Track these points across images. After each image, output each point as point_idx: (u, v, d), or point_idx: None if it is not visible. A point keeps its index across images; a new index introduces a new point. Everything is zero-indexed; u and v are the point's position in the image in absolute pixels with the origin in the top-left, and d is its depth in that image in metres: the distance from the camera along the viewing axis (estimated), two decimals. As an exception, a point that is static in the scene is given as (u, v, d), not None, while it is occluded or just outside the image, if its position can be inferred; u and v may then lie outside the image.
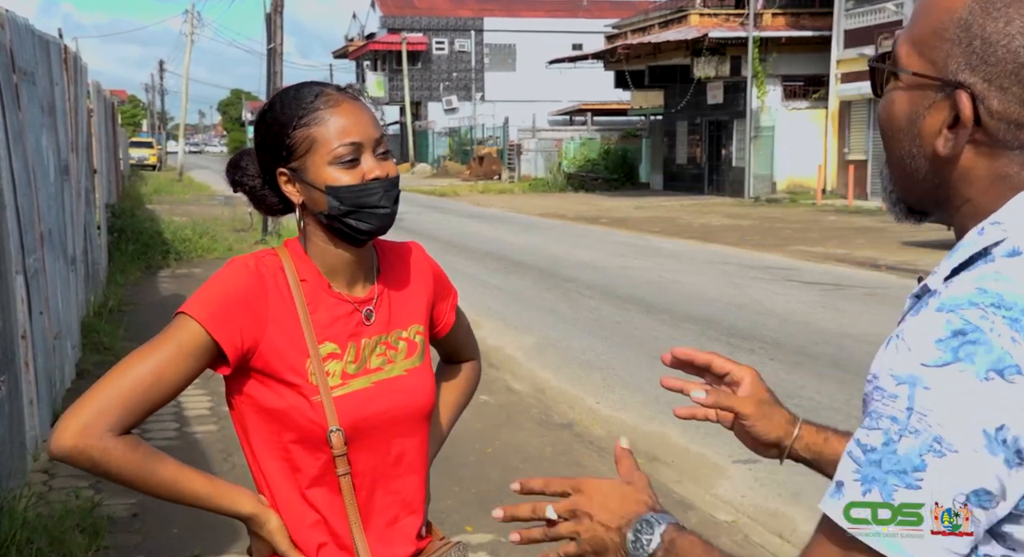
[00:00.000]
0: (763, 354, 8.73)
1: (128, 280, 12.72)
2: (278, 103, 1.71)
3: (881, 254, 16.02)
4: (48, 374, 6.27)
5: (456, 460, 5.68)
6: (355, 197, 1.66)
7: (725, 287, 12.89)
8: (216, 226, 19.11)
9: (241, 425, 1.71)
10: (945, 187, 1.16)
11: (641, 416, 7.05)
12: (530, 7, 60.78)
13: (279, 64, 18.81)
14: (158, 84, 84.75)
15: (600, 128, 47.20)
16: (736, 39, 31.90)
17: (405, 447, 1.76)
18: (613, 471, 5.43)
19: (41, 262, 6.27)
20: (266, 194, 1.78)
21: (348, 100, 1.70)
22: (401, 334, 1.77)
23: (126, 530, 4.67)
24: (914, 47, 1.16)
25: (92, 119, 11.75)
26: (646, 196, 35.10)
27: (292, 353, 1.65)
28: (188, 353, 1.60)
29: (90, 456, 1.55)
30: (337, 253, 1.72)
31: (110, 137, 18.06)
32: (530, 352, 9.21)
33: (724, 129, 34.40)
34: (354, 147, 1.66)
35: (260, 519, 1.67)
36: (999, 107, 1.10)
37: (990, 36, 1.09)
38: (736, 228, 21.62)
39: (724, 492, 5.55)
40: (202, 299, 1.63)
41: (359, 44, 63.35)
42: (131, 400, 1.57)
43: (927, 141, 1.15)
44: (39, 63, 6.68)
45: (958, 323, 1.01)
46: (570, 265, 15.37)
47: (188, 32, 52.08)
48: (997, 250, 1.08)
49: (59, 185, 7.62)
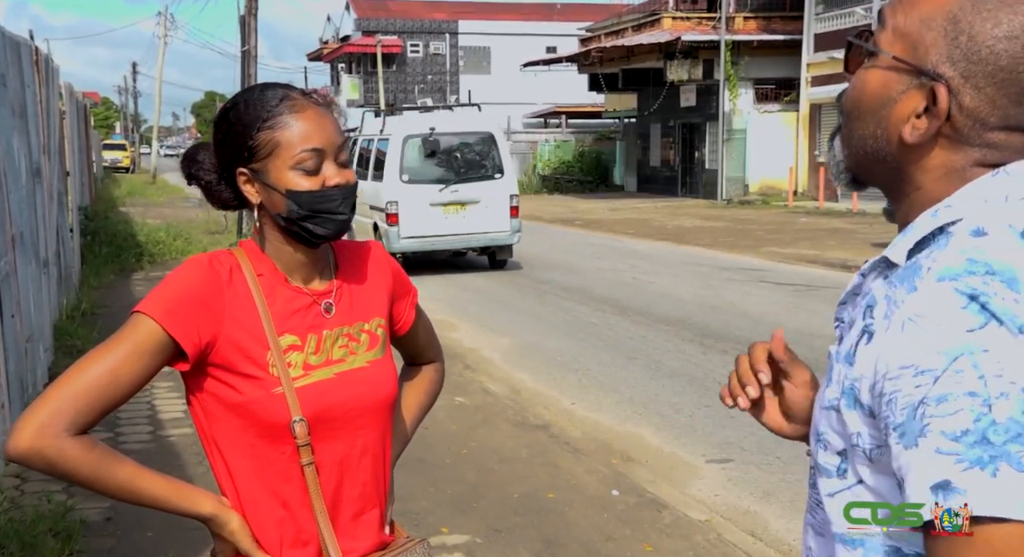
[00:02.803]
0: (736, 354, 8.76)
1: (101, 283, 12.63)
2: (242, 103, 1.70)
3: (852, 255, 16.12)
4: (20, 378, 6.21)
5: (431, 461, 5.67)
6: (314, 203, 1.66)
7: (698, 288, 12.94)
8: (190, 228, 19.02)
9: (202, 424, 1.71)
10: (901, 172, 1.19)
11: (616, 417, 7.07)
12: (504, 11, 60.83)
13: (253, 66, 18.73)
14: (131, 86, 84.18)
15: (574, 130, 47.26)
16: (708, 42, 32.05)
17: (369, 438, 1.76)
18: (589, 472, 5.46)
19: (12, 265, 6.21)
20: (221, 189, 1.77)
21: (312, 105, 1.70)
22: (363, 326, 1.78)
23: (100, 534, 4.64)
24: (897, 31, 1.17)
25: (64, 121, 11.67)
26: (620, 198, 35.20)
27: (252, 346, 1.65)
28: (144, 351, 1.59)
29: (45, 457, 1.53)
30: (292, 252, 1.73)
31: (83, 139, 17.94)
32: (506, 354, 9.22)
33: (697, 131, 34.55)
34: (316, 153, 1.67)
35: (220, 520, 1.66)
36: (970, 104, 1.12)
37: (977, 34, 1.10)
38: (709, 230, 21.70)
39: (697, 491, 5.57)
40: (158, 297, 1.63)
41: (333, 46, 63.18)
42: (87, 400, 1.56)
43: (894, 126, 1.17)
44: (9, 65, 6.62)
45: (967, 289, 1.03)
46: (545, 266, 15.40)
47: (161, 34, 51.82)
48: (955, 228, 1.11)
49: (31, 188, 7.56)
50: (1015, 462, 0.97)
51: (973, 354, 1.00)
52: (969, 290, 1.03)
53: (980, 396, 0.99)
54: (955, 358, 1.00)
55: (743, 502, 5.41)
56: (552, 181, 40.30)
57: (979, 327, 1.01)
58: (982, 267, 1.04)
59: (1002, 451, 0.97)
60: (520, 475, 5.58)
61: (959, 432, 0.99)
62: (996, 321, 1.01)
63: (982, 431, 0.98)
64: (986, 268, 1.04)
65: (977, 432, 0.98)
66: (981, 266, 1.05)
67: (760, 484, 5.65)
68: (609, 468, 5.74)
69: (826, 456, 1.19)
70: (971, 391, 0.99)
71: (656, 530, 4.79)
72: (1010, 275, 1.03)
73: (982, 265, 1.05)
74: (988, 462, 0.98)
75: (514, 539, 4.67)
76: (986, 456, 0.98)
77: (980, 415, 0.98)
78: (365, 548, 1.74)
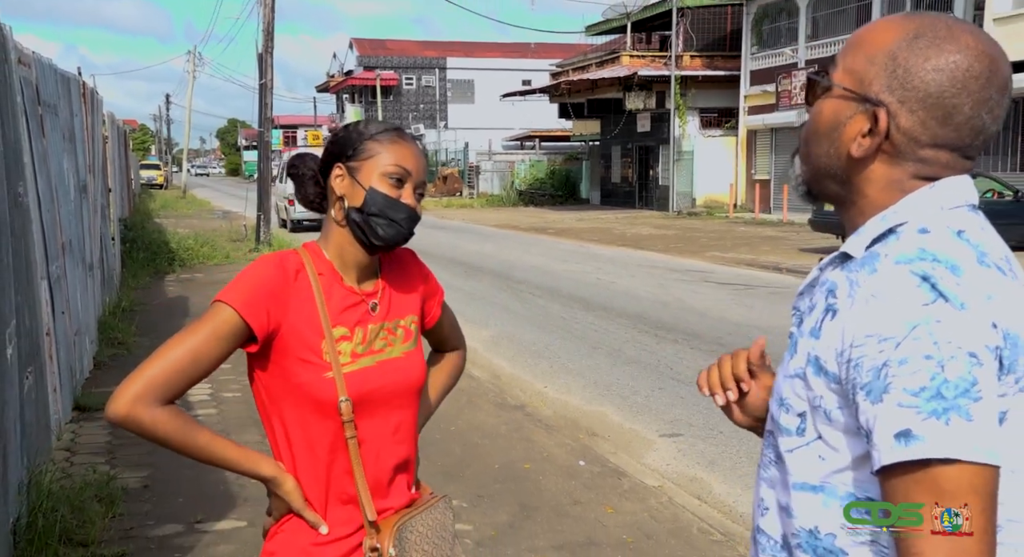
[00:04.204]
0: (685, 344, 8.79)
1: (139, 284, 12.54)
2: (367, 121, 1.80)
3: (782, 259, 16.19)
4: (69, 366, 6.17)
5: (424, 437, 5.64)
6: (387, 206, 1.71)
7: (653, 287, 12.97)
8: (215, 237, 18.90)
9: (263, 400, 1.73)
10: (850, 184, 1.23)
11: (583, 398, 7.08)
12: (487, 49, 60.76)
13: (269, 97, 18.63)
14: (164, 114, 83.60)
15: (547, 152, 47.27)
16: (661, 77, 32.14)
17: (402, 418, 1.79)
18: (559, 445, 5.45)
19: (63, 269, 6.17)
20: (310, 188, 1.83)
21: (417, 147, 1.79)
22: (400, 323, 1.81)
23: (138, 499, 4.61)
24: (847, 69, 1.22)
25: (107, 145, 11.57)
26: (586, 210, 35.21)
27: (310, 335, 1.68)
28: (222, 335, 1.62)
29: (139, 422, 1.57)
30: (352, 252, 1.76)
31: (123, 160, 17.79)
32: (488, 344, 9.21)
33: (651, 153, 34.61)
34: (404, 172, 1.73)
35: (278, 480, 1.69)
36: (906, 125, 1.17)
37: (911, 68, 1.16)
38: (662, 237, 21.75)
39: (652, 461, 5.58)
40: (235, 288, 1.65)
41: (339, 80, 62.97)
42: (174, 375, 1.60)
43: (844, 145, 1.21)
44: (61, 97, 6.58)
45: (920, 271, 1.07)
46: (522, 269, 15.39)
47: (190, 70, 51.45)
48: (902, 228, 1.15)
49: (78, 202, 7.51)
50: (963, 413, 1.01)
51: (928, 324, 1.04)
52: (921, 272, 1.07)
53: (935, 358, 1.03)
54: (914, 326, 1.04)
55: (691, 470, 5.43)
56: (527, 195, 40.26)
57: (931, 302, 1.05)
58: (930, 255, 1.09)
59: (953, 404, 1.02)
60: (500, 448, 5.58)
61: (918, 388, 1.03)
62: (943, 298, 1.05)
63: (937, 387, 1.02)
64: (933, 256, 1.09)
65: (933, 388, 1.02)
66: (929, 254, 1.09)
67: (706, 455, 5.68)
68: (576, 442, 5.75)
69: (787, 418, 1.21)
70: (927, 354, 1.03)
71: (617, 494, 4.80)
72: (952, 263, 1.08)
73: (930, 254, 1.09)
74: (942, 413, 1.02)
75: (495, 503, 4.67)
76: (940, 408, 1.02)
77: (935, 374, 1.02)
78: (397, 506, 1.78)
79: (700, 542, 4.20)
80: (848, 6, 26.92)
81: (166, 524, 4.32)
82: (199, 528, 4.28)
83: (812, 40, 28.00)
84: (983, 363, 1.04)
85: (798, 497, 1.19)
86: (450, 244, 20.21)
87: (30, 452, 4.35)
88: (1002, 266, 1.12)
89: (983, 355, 1.04)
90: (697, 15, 33.54)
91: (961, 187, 1.19)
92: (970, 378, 1.02)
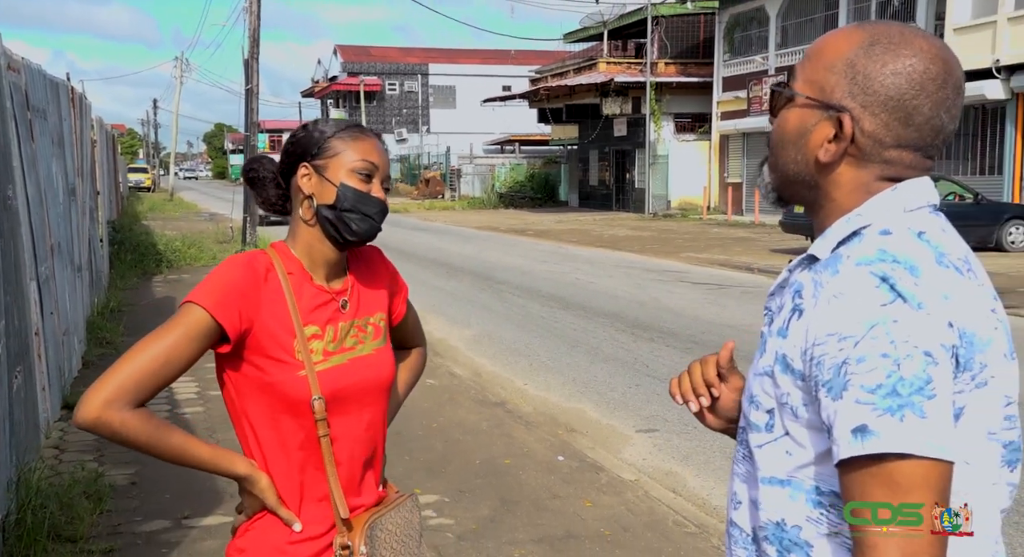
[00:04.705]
0: (661, 342, 8.82)
1: (126, 285, 12.43)
2: (325, 120, 1.77)
3: (754, 259, 16.27)
4: (58, 365, 6.11)
5: (407, 434, 5.66)
6: (359, 201, 1.69)
7: (630, 287, 13.00)
8: (202, 239, 18.76)
9: (233, 400, 1.69)
10: (818, 189, 1.24)
11: (562, 395, 7.08)
12: (468, 56, 60.70)
13: (255, 102, 18.53)
14: (152, 119, 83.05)
15: (526, 155, 47.32)
16: (636, 83, 32.23)
17: (372, 415, 1.76)
18: (539, 441, 5.45)
19: (51, 270, 6.12)
20: (270, 187, 1.80)
21: (378, 141, 1.77)
22: (369, 320, 1.78)
23: (126, 496, 4.57)
24: (808, 78, 1.23)
25: (95, 149, 11.47)
26: (565, 212, 35.24)
27: (282, 334, 1.65)
28: (195, 336, 1.58)
29: (110, 426, 1.52)
30: (321, 250, 1.73)
31: (111, 164, 17.66)
32: (469, 342, 9.19)
33: (628, 157, 34.69)
34: (372, 166, 1.72)
35: (253, 478, 1.65)
36: (869, 128, 1.18)
37: (870, 73, 1.17)
38: (638, 238, 21.81)
39: (629, 456, 5.59)
40: (205, 289, 1.61)
41: (323, 85, 62.73)
42: (146, 378, 1.55)
43: (811, 151, 1.22)
44: (50, 102, 6.52)
45: (879, 272, 1.08)
46: (502, 270, 15.38)
47: (177, 75, 51.10)
48: (866, 231, 1.16)
49: (67, 204, 7.44)
50: (917, 410, 1.02)
51: (886, 323, 1.04)
52: (881, 273, 1.08)
53: (891, 357, 1.03)
54: (872, 326, 1.05)
55: (666, 464, 5.45)
56: (508, 198, 40.27)
57: (889, 302, 1.05)
58: (890, 257, 1.09)
59: (908, 401, 1.02)
60: (481, 444, 5.58)
61: (875, 386, 1.03)
62: (901, 299, 1.05)
63: (893, 385, 1.03)
64: (893, 258, 1.09)
65: (889, 386, 1.03)
66: (889, 256, 1.10)
67: (680, 450, 5.69)
68: (555, 438, 5.75)
69: (757, 414, 1.21)
70: (884, 353, 1.03)
71: (595, 489, 4.81)
72: (911, 264, 1.08)
73: (890, 255, 1.10)
74: (897, 410, 1.02)
75: (476, 498, 4.67)
76: (895, 405, 1.02)
77: (891, 372, 1.03)
78: (368, 503, 1.76)
79: (675, 534, 4.20)
80: (816, 15, 27.12)
81: (153, 520, 4.29)
82: (186, 524, 4.25)
83: (782, 48, 28.17)
84: (938, 362, 1.04)
85: (766, 491, 1.20)
86: (432, 245, 20.18)
87: (19, 450, 4.30)
88: (960, 266, 1.13)
89: (938, 354, 1.04)
90: (671, 23, 33.67)
91: (922, 189, 1.20)
92: (925, 376, 1.03)
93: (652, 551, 4.03)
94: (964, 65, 9.17)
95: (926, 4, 22.67)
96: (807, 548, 1.15)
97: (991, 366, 1.11)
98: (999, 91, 19.73)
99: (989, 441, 1.13)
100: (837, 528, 1.13)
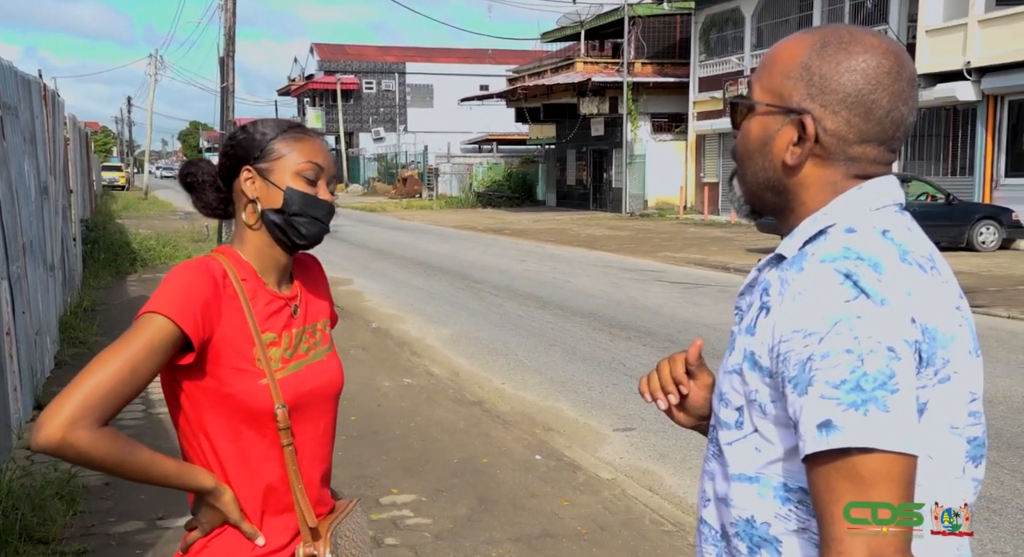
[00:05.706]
0: (638, 341, 8.84)
1: (100, 284, 12.31)
2: (264, 121, 1.72)
3: (730, 258, 16.37)
4: (30, 365, 6.04)
5: (384, 433, 5.64)
6: (307, 204, 1.66)
7: (607, 286, 13.03)
8: (177, 238, 18.63)
9: (186, 412, 1.62)
10: (787, 193, 1.24)
11: (539, 394, 7.08)
12: (445, 55, 60.65)
13: (231, 100, 18.42)
14: (126, 117, 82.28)
15: (504, 155, 47.30)
16: (614, 83, 32.32)
17: (326, 422, 1.75)
18: (516, 440, 5.44)
19: (23, 269, 6.04)
20: (209, 192, 1.74)
21: (322, 141, 1.74)
22: (317, 326, 1.76)
23: (99, 497, 4.53)
24: (765, 87, 1.25)
25: (68, 147, 11.35)
26: (542, 211, 35.28)
27: (241, 342, 1.61)
28: (158, 347, 1.51)
29: (77, 448, 1.42)
30: (271, 255, 1.69)
31: (84, 162, 17.48)
32: (447, 342, 9.18)
33: (605, 156, 34.78)
34: (318, 168, 1.68)
35: (218, 492, 1.59)
36: (832, 127, 1.19)
37: (825, 73, 1.19)
38: (615, 238, 21.86)
39: (606, 455, 5.60)
40: (165, 297, 1.55)
41: (300, 84, 62.45)
42: (110, 394, 1.46)
43: (777, 156, 1.23)
44: (21, 99, 6.44)
45: (843, 269, 1.09)
46: (480, 269, 15.36)
47: (152, 73, 50.64)
48: (832, 229, 1.18)
49: (39, 203, 7.35)
50: (880, 405, 1.03)
51: (849, 319, 1.05)
52: (844, 270, 1.09)
53: (855, 352, 1.04)
54: (836, 322, 1.06)
55: (643, 463, 5.46)
56: (485, 197, 40.24)
57: (853, 298, 1.06)
58: (854, 254, 1.10)
59: (871, 396, 1.03)
60: (459, 443, 5.57)
61: (839, 381, 1.04)
62: (864, 295, 1.06)
63: (856, 380, 1.03)
64: (857, 255, 1.10)
65: (852, 381, 1.03)
66: (853, 253, 1.10)
67: (657, 448, 5.71)
68: (533, 437, 5.75)
69: (727, 412, 1.22)
70: (848, 348, 1.04)
71: (572, 488, 4.81)
72: (875, 261, 1.09)
73: (854, 252, 1.11)
74: (860, 404, 1.03)
75: (454, 497, 4.66)
76: (859, 400, 1.03)
77: (855, 367, 1.04)
78: (325, 511, 1.74)
79: (652, 533, 4.22)
80: (791, 16, 27.31)
81: (127, 521, 4.24)
82: (160, 525, 4.21)
83: (757, 49, 28.34)
84: (901, 357, 1.05)
85: (736, 487, 1.21)
86: (410, 245, 20.14)
87: (-10, 451, 4.25)
88: (924, 264, 1.14)
89: (901, 349, 1.06)
90: (648, 24, 33.80)
91: (888, 188, 1.21)
92: (888, 371, 1.04)
93: (629, 549, 4.04)
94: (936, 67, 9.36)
95: (899, 6, 22.89)
96: (776, 544, 1.16)
97: (954, 362, 1.12)
98: (970, 93, 19.96)
99: (952, 436, 1.15)
100: (805, 524, 1.14)
